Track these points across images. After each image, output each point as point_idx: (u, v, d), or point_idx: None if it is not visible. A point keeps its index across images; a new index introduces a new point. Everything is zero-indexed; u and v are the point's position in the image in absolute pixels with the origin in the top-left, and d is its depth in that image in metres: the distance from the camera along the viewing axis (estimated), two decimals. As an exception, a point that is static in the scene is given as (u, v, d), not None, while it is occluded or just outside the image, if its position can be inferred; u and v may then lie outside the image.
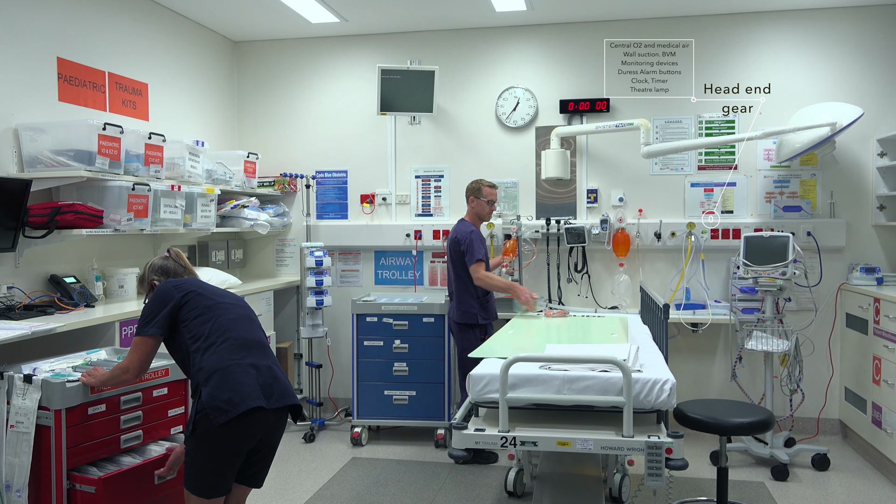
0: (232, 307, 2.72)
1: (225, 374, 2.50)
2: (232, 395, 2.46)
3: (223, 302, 2.71)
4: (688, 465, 2.47)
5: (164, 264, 2.90)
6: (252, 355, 2.61)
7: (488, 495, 3.89)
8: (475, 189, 4.52)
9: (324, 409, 5.35)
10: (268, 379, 2.58)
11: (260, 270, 5.61)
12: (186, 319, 2.62)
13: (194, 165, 4.36)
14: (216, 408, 2.44)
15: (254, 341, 2.67)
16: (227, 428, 2.45)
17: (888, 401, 4.07)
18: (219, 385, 2.48)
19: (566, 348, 3.13)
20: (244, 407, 2.46)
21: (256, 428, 2.53)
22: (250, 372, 2.55)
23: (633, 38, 5.10)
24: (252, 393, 2.50)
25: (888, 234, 4.85)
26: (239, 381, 2.50)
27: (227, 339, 2.58)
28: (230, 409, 2.44)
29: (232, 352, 2.56)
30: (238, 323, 2.67)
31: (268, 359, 2.67)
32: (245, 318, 2.74)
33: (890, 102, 4.82)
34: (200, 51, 5.20)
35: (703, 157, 5.06)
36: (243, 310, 2.78)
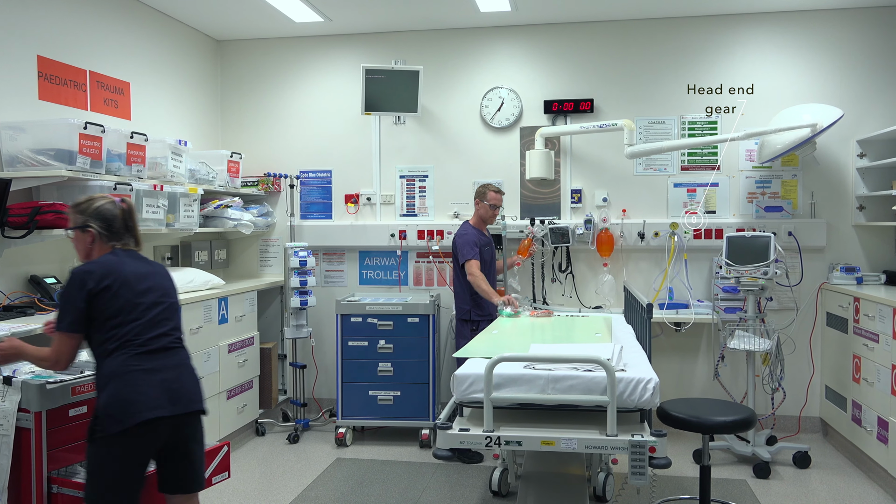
0: (149, 308, 2.52)
1: (123, 382, 2.38)
2: (126, 405, 2.35)
3: (139, 302, 2.50)
4: (671, 463, 2.48)
5: (112, 215, 2.59)
6: (158, 359, 2.47)
7: (473, 495, 3.90)
8: (481, 193, 4.64)
9: (308, 409, 5.33)
10: (171, 384, 2.47)
11: (243, 271, 5.58)
12: (97, 319, 2.45)
13: (177, 165, 4.33)
14: (110, 416, 2.35)
15: (163, 346, 2.51)
16: (121, 437, 2.35)
17: (868, 399, 4.12)
18: (115, 392, 2.37)
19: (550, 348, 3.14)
20: (139, 418, 2.35)
21: (154, 436, 2.42)
22: (150, 379, 2.42)
23: (617, 38, 5.12)
24: (149, 402, 2.38)
25: (868, 234, 4.91)
26: (136, 390, 2.38)
27: (134, 343, 2.44)
28: (124, 418, 2.34)
29: (136, 358, 2.43)
30: (151, 326, 2.50)
31: (175, 360, 2.54)
32: (161, 320, 2.54)
33: (869, 104, 4.87)
34: (183, 50, 5.16)
35: (686, 158, 5.09)
36: (162, 308, 2.57)
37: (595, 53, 5.16)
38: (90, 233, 2.57)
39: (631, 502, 3.74)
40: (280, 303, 5.45)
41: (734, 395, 4.95)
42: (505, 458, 3.90)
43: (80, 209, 2.59)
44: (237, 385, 4.67)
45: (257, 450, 4.71)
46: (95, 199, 2.62)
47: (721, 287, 4.86)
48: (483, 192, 4.63)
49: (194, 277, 4.40)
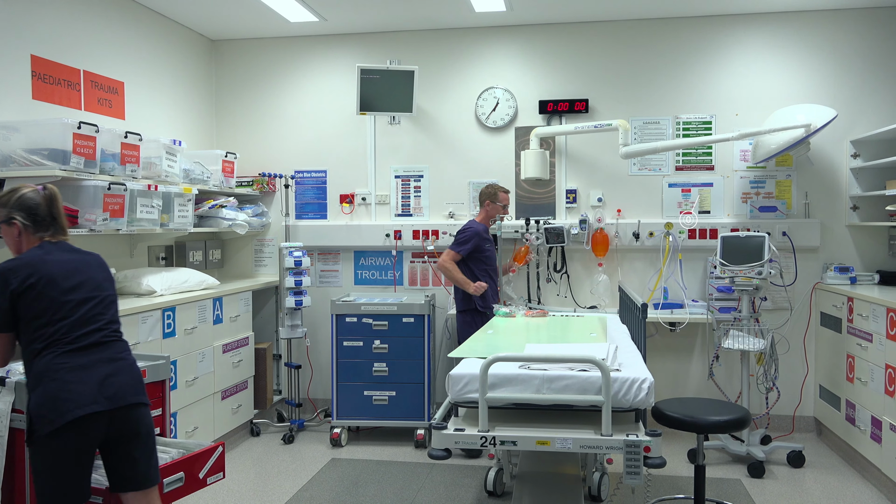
0: (78, 305, 2.44)
1: (52, 381, 2.32)
2: (56, 404, 2.30)
3: (67, 300, 2.42)
4: (665, 463, 2.49)
5: (35, 205, 2.49)
6: (89, 354, 2.41)
7: (468, 495, 3.90)
8: (491, 194, 4.70)
9: (303, 409, 5.33)
10: (106, 378, 2.40)
11: (238, 271, 5.57)
12: (23, 318, 2.37)
13: (171, 165, 4.32)
14: (41, 417, 2.29)
15: (96, 341, 2.44)
16: (55, 437, 2.29)
17: (861, 398, 4.14)
18: (44, 392, 2.31)
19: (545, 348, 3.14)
20: (70, 416, 2.29)
21: (90, 434, 2.35)
22: (81, 376, 2.36)
23: (612, 39, 5.13)
24: (80, 399, 2.32)
25: (861, 234, 4.93)
26: (66, 388, 2.32)
27: (62, 342, 2.37)
28: (54, 418, 2.28)
29: (65, 356, 2.36)
30: (82, 324, 2.42)
31: (109, 354, 2.46)
32: (92, 316, 2.46)
33: (863, 104, 4.89)
34: (178, 49, 5.15)
35: (681, 158, 5.10)
36: (93, 304, 2.48)
37: (590, 53, 5.17)
38: (15, 225, 2.48)
39: (626, 502, 3.74)
40: (275, 303, 5.45)
41: (729, 395, 4.96)
42: (500, 458, 3.90)
43: (3, 202, 2.50)
44: (232, 385, 4.66)
45: (252, 450, 4.70)
46: (17, 190, 2.52)
47: (716, 287, 4.87)
48: (494, 194, 4.70)
49: (189, 277, 4.39)
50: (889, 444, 3.77)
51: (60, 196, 2.59)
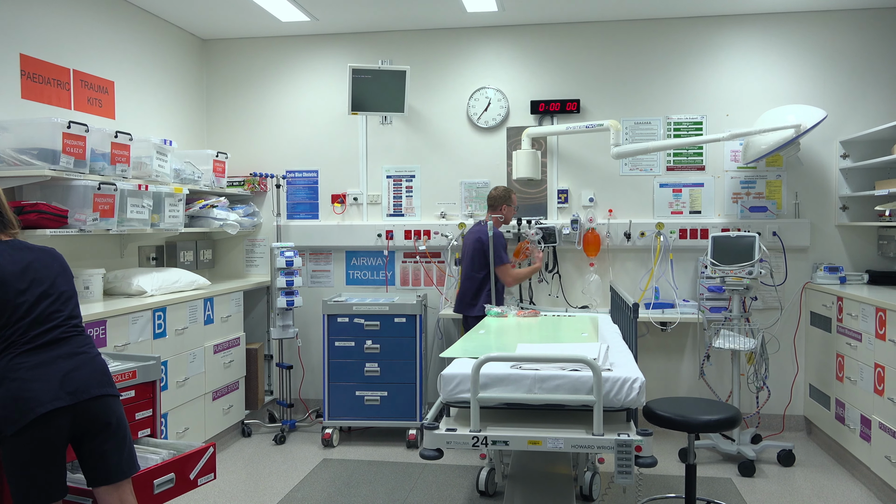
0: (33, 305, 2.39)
1: (12, 382, 2.28)
2: (18, 403, 2.26)
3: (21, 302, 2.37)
4: (657, 462, 2.50)
5: None
6: (49, 351, 2.37)
7: (460, 495, 3.90)
8: (507, 197, 4.70)
9: (294, 410, 5.32)
10: (68, 373, 2.37)
11: (229, 271, 5.56)
12: None
13: (162, 165, 4.30)
14: (4, 418, 2.26)
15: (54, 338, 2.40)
16: (20, 437, 2.27)
17: (851, 397, 4.16)
18: (5, 393, 2.27)
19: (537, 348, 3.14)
20: (33, 414, 2.26)
21: (56, 430, 2.32)
22: (43, 373, 2.32)
23: (603, 39, 5.15)
24: (42, 397, 2.29)
25: (851, 234, 4.96)
26: (26, 387, 2.29)
27: (20, 342, 2.33)
28: (18, 417, 2.25)
29: (24, 356, 2.33)
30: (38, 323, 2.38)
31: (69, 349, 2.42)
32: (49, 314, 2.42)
33: (852, 105, 4.92)
34: (168, 49, 5.13)
35: (672, 159, 5.12)
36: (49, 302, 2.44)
37: (581, 54, 5.18)
38: None
39: (617, 501, 3.75)
40: (266, 303, 5.43)
41: (719, 394, 4.98)
42: (492, 458, 3.90)
43: None
44: (223, 386, 4.65)
45: (243, 451, 4.69)
46: None
47: (706, 287, 4.89)
48: (509, 196, 4.70)
49: (179, 278, 4.37)
50: (878, 442, 3.79)
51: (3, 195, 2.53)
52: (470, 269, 4.64)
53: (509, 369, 2.69)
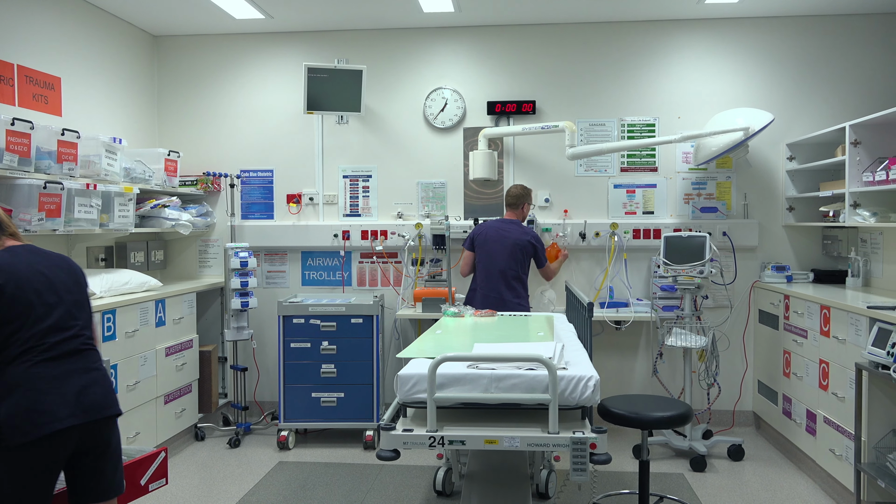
0: (51, 309, 2.36)
1: (29, 391, 2.23)
2: (33, 416, 2.21)
3: (40, 303, 2.34)
4: (611, 459, 2.53)
5: None
6: (66, 364, 2.33)
7: (417, 495, 3.89)
8: (527, 195, 4.77)
9: (249, 413, 5.24)
10: (83, 389, 2.33)
11: (182, 272, 5.45)
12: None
13: (111, 163, 4.20)
14: (14, 427, 2.19)
15: (72, 350, 2.36)
16: (25, 449, 2.20)
17: (797, 392, 4.28)
18: (20, 402, 2.21)
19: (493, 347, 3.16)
20: (48, 429, 2.21)
21: (62, 446, 2.28)
22: (59, 387, 2.28)
23: (559, 41, 5.20)
24: (58, 412, 2.24)
25: (796, 234, 5.10)
26: (44, 399, 2.24)
27: (38, 349, 2.29)
28: (30, 429, 2.19)
29: (43, 365, 2.28)
30: (56, 330, 2.35)
31: (84, 363, 2.39)
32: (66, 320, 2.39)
33: (798, 109, 5.07)
34: (117, 44, 5.01)
35: (626, 160, 5.20)
36: (66, 308, 2.41)
37: (537, 55, 5.22)
38: None
39: (573, 498, 3.79)
40: (220, 304, 5.35)
41: (672, 391, 5.08)
42: (449, 458, 3.91)
43: None
44: (175, 389, 4.56)
45: (196, 455, 4.60)
46: None
47: (659, 286, 4.98)
48: (529, 194, 4.78)
49: (130, 279, 4.27)
50: (823, 436, 3.91)
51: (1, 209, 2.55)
52: (519, 270, 4.65)
53: (466, 369, 2.70)
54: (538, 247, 4.66)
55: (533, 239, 4.65)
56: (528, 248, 4.63)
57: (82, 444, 2.36)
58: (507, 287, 4.60)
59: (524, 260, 4.63)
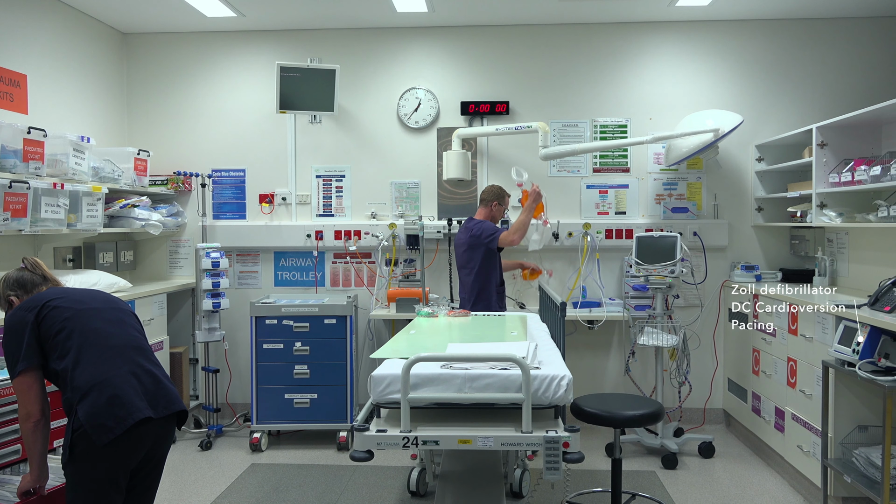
0: (99, 312, 2.49)
1: (103, 388, 2.28)
2: (115, 409, 2.26)
3: (87, 308, 2.46)
4: (584, 457, 2.54)
5: (21, 276, 2.60)
6: (129, 361, 2.40)
7: (391, 496, 3.88)
8: (500, 195, 4.65)
9: (221, 414, 5.19)
10: (150, 385, 2.40)
11: (152, 272, 5.38)
12: (47, 338, 2.37)
13: (79, 162, 4.13)
14: (99, 426, 2.23)
15: (129, 345, 2.46)
16: (111, 446, 2.25)
17: (766, 390, 4.35)
18: (98, 400, 2.26)
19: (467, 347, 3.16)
20: (131, 420, 2.26)
21: (142, 442, 2.34)
22: (131, 381, 2.35)
23: (532, 42, 5.22)
24: (137, 403, 2.31)
25: (765, 234, 5.18)
26: (121, 393, 2.30)
27: (98, 347, 2.36)
28: (115, 425, 2.24)
29: (106, 361, 2.35)
30: (109, 327, 2.45)
31: (148, 362, 2.48)
32: (117, 321, 2.51)
33: (766, 111, 5.14)
34: (86, 42, 4.93)
35: (598, 161, 5.24)
36: (114, 312, 2.55)
37: (511, 56, 5.24)
38: (12, 301, 2.58)
39: (546, 497, 3.81)
40: (191, 305, 5.28)
41: (644, 390, 5.13)
42: (423, 458, 3.90)
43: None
44: (145, 391, 4.49)
45: (168, 458, 4.53)
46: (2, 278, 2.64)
47: (631, 285, 5.02)
48: (502, 195, 4.65)
49: (99, 280, 4.21)
50: (791, 432, 3.98)
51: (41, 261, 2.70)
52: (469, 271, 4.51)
53: (439, 369, 2.70)
54: (480, 234, 4.47)
55: (477, 228, 4.50)
56: (469, 243, 4.52)
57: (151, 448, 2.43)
58: (462, 289, 4.64)
59: (474, 257, 4.49)
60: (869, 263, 4.32)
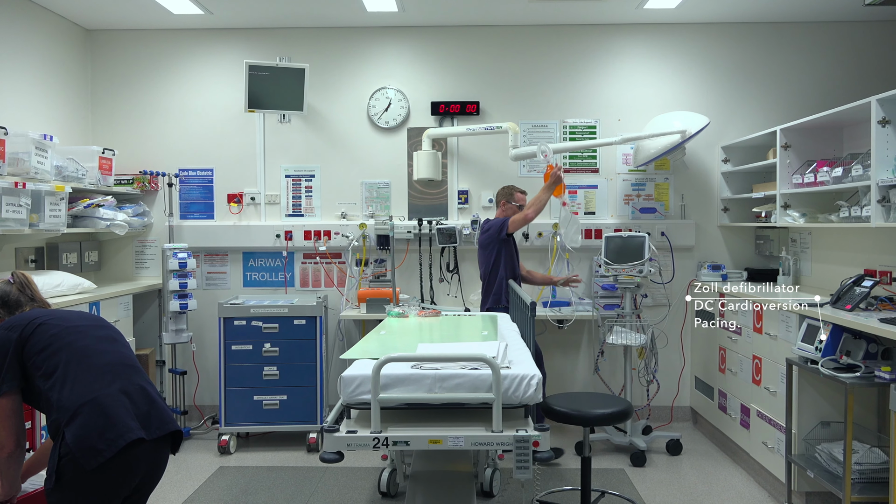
0: (87, 329, 2.36)
1: (92, 408, 2.13)
2: (105, 431, 2.10)
3: (75, 326, 2.33)
4: (554, 456, 2.57)
5: (5, 292, 2.45)
6: (120, 378, 2.24)
7: (362, 497, 3.87)
8: (508, 194, 4.62)
9: (189, 417, 5.13)
10: (143, 404, 2.25)
11: (118, 273, 5.29)
12: (31, 355, 2.22)
13: (41, 161, 4.05)
14: (88, 449, 2.07)
15: (120, 363, 2.31)
16: (100, 472, 2.08)
17: (732, 388, 4.42)
18: (87, 422, 2.10)
19: (437, 347, 3.16)
20: (122, 442, 2.10)
21: (137, 465, 2.19)
22: (122, 399, 2.19)
23: (502, 43, 5.24)
24: (129, 423, 2.15)
25: (731, 234, 5.26)
26: (111, 413, 2.14)
27: (86, 365, 2.22)
28: (105, 447, 2.08)
29: (95, 379, 2.19)
30: (99, 344, 2.32)
31: (140, 379, 2.32)
32: (107, 338, 2.38)
33: (732, 113, 5.22)
34: (48, 38, 4.83)
35: (568, 161, 5.27)
36: (103, 330, 2.43)
37: (481, 57, 5.25)
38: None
39: (516, 496, 3.83)
40: (158, 307, 5.20)
41: (613, 388, 5.17)
42: (393, 459, 3.90)
43: None
44: (111, 394, 4.41)
45: (133, 462, 4.47)
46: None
47: (601, 285, 5.07)
48: (510, 194, 4.62)
49: (62, 281, 4.13)
50: (756, 429, 4.04)
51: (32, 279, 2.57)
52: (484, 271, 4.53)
53: (410, 369, 2.69)
54: (489, 229, 4.49)
55: (488, 224, 4.52)
56: (482, 243, 4.54)
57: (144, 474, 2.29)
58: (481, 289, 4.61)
59: (488, 255, 4.49)
60: (831, 263, 4.41)
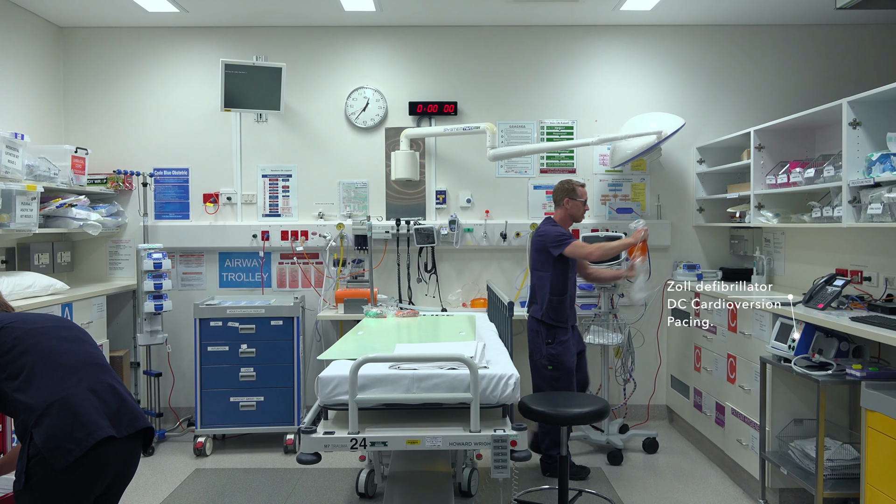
0: (51, 330, 2.31)
1: (60, 407, 2.08)
2: (74, 430, 2.06)
3: (39, 327, 2.29)
4: (531, 455, 2.58)
5: None
6: (88, 377, 2.21)
7: (339, 498, 3.85)
8: (569, 190, 4.21)
9: (164, 419, 5.07)
10: (112, 402, 2.20)
11: (91, 274, 5.22)
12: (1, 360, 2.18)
13: (12, 160, 3.98)
14: (56, 448, 2.02)
15: (87, 362, 2.27)
16: (70, 472, 2.04)
17: (707, 386, 4.47)
18: (55, 421, 2.06)
19: (415, 348, 3.16)
20: (91, 440, 2.06)
21: (108, 464, 2.14)
22: (90, 398, 2.15)
23: (480, 43, 5.25)
24: (98, 422, 2.11)
25: (706, 234, 5.32)
26: (79, 412, 2.10)
27: (53, 365, 2.18)
28: (74, 447, 2.04)
29: (63, 379, 2.15)
30: (64, 344, 2.28)
31: (108, 378, 2.28)
32: (72, 338, 2.34)
33: (707, 114, 5.28)
34: (19, 35, 4.75)
35: (545, 161, 5.30)
36: (67, 330, 2.38)
37: (459, 57, 5.26)
38: None
39: (494, 495, 3.83)
40: (132, 308, 5.14)
41: (590, 388, 5.19)
42: (371, 460, 3.89)
43: None
44: (84, 397, 4.35)
45: (107, 465, 4.41)
46: None
47: (578, 285, 5.08)
48: (572, 189, 4.20)
49: (34, 282, 4.06)
50: (731, 427, 4.09)
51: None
52: (534, 276, 4.24)
53: (388, 370, 2.69)
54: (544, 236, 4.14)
55: (543, 230, 4.18)
56: (535, 245, 4.22)
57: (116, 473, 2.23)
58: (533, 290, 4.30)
59: (537, 259, 4.20)
60: (804, 262, 4.48)
